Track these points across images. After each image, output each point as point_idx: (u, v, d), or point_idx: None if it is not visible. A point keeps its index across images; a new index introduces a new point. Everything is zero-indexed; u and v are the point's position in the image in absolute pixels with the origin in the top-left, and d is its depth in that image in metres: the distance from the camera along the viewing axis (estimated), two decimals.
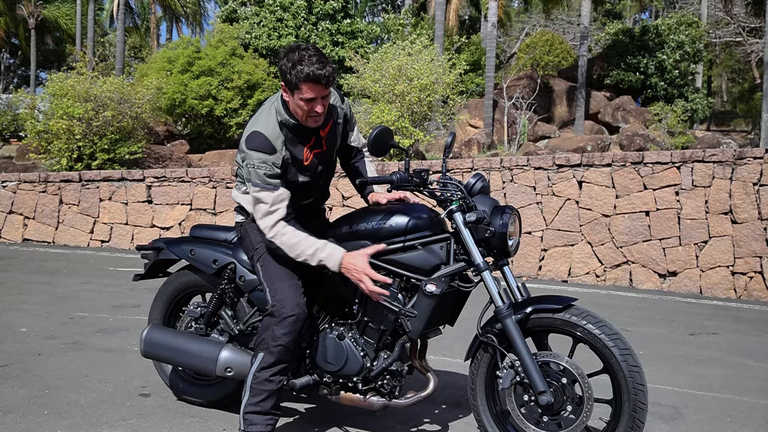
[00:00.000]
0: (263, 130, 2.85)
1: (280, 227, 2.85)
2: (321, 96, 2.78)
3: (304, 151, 2.94)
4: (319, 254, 2.83)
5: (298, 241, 2.84)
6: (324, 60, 2.75)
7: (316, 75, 2.71)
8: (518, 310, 2.81)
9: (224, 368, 3.17)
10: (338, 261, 2.82)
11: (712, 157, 7.22)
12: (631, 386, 2.67)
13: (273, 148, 2.83)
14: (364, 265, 2.80)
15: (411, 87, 11.62)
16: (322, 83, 2.75)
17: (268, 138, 2.83)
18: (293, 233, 2.85)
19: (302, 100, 2.77)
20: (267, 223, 2.87)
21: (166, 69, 15.87)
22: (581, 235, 7.80)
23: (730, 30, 34.01)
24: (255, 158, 2.82)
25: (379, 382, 3.00)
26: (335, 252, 2.84)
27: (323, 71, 2.72)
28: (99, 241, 10.02)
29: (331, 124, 3.06)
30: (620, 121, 20.78)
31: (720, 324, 5.91)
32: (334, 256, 2.83)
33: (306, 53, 2.74)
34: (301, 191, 3.02)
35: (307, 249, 2.83)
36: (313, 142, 2.97)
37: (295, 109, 2.84)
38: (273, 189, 2.84)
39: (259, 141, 2.83)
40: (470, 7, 29.69)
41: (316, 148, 2.99)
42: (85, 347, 4.65)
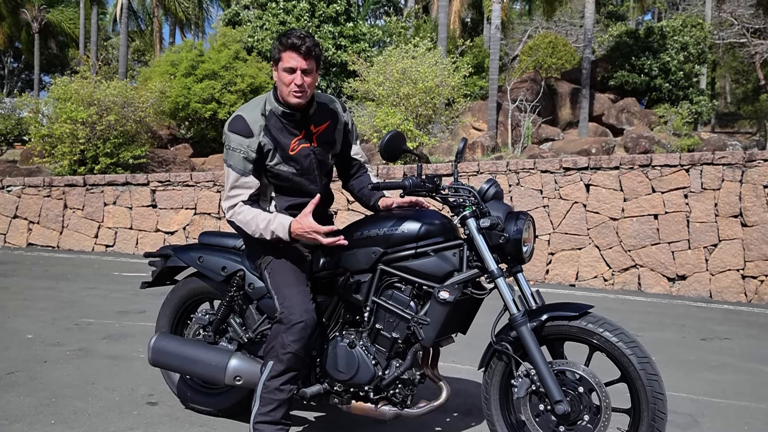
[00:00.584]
0: (245, 115, 2.93)
1: (237, 207, 2.93)
2: (301, 68, 2.83)
3: (292, 141, 2.96)
4: (271, 225, 2.88)
5: (253, 216, 2.91)
6: (307, 35, 2.86)
7: (294, 43, 2.81)
8: (533, 317, 2.76)
9: (233, 377, 3.12)
10: (287, 228, 2.86)
11: (721, 160, 7.16)
12: (650, 395, 2.61)
13: (250, 132, 2.89)
14: (309, 222, 2.83)
15: (415, 89, 11.57)
16: (302, 51, 2.81)
17: (247, 122, 2.90)
18: (249, 210, 2.92)
19: (284, 71, 2.84)
20: (228, 204, 2.96)
21: (169, 72, 15.85)
22: (589, 238, 7.74)
23: (734, 31, 33.94)
24: (232, 140, 2.90)
25: (391, 391, 2.95)
26: (284, 221, 2.88)
27: (302, 41, 2.81)
28: (103, 245, 9.98)
29: (328, 125, 3.06)
30: (624, 123, 20.72)
31: (731, 329, 5.85)
32: (283, 225, 2.87)
33: (292, 32, 2.87)
34: (293, 185, 3.01)
35: (260, 223, 2.90)
36: (303, 135, 2.99)
37: (281, 87, 2.89)
38: (243, 174, 2.91)
39: (238, 124, 2.91)
40: (472, 10, 29.67)
41: (305, 142, 2.99)
42: (91, 354, 4.61)
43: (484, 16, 25.96)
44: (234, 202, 2.93)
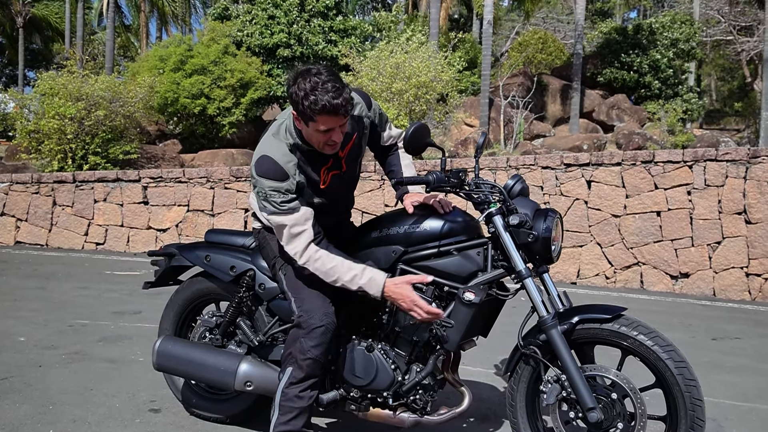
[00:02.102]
0: (273, 155, 2.59)
1: (312, 251, 2.62)
2: (339, 125, 2.53)
3: (321, 173, 2.70)
4: (358, 280, 2.60)
5: (334, 266, 2.61)
6: (339, 85, 2.47)
7: (333, 106, 2.43)
8: (564, 320, 2.63)
9: (244, 382, 2.97)
10: (380, 287, 2.61)
11: (725, 156, 7.07)
12: (688, 401, 2.48)
13: (285, 174, 2.58)
14: (411, 293, 2.59)
15: (409, 85, 11.44)
16: (340, 114, 2.47)
17: (279, 163, 2.58)
18: (327, 257, 2.62)
19: (318, 131, 2.52)
20: (296, 249, 2.63)
21: (157, 67, 15.62)
22: (590, 235, 7.63)
23: (720, 28, 34.07)
24: (266, 186, 2.58)
25: (411, 397, 2.81)
26: (377, 277, 2.61)
27: (339, 100, 2.43)
28: (94, 243, 9.77)
29: (354, 141, 2.79)
30: (615, 120, 20.70)
31: (740, 328, 5.76)
32: (375, 282, 2.61)
33: (319, 79, 2.44)
34: (320, 213, 2.77)
35: (344, 275, 2.61)
36: (331, 163, 2.72)
37: (310, 138, 2.59)
38: (292, 212, 2.60)
39: (268, 167, 2.58)
40: (460, 6, 29.57)
41: (334, 169, 2.74)
42: (87, 357, 4.44)
43: (474, 12, 25.88)
44: (302, 245, 2.61)
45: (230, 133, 15.64)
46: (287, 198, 2.59)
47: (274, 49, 16.89)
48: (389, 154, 3.08)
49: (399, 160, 3.05)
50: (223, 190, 9.20)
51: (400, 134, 3.06)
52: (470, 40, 22.20)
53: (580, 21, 19.96)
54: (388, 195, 8.39)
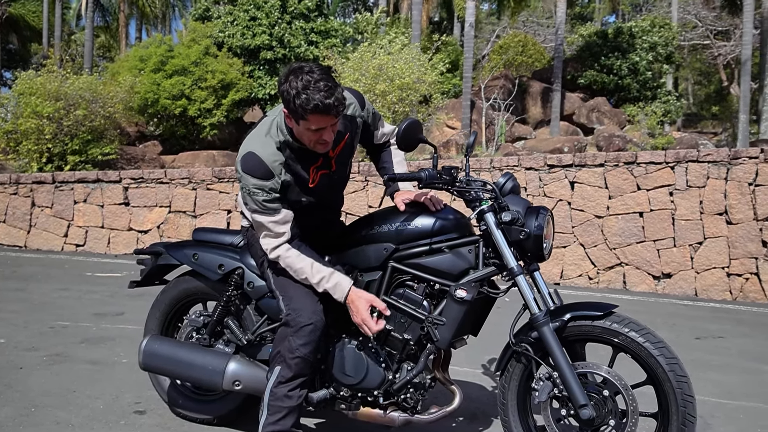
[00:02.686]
0: (260, 152, 2.57)
1: (283, 250, 2.67)
2: (330, 125, 2.51)
3: (310, 171, 2.68)
4: (325, 283, 2.65)
5: (302, 267, 2.66)
6: (332, 84, 2.44)
7: (325, 105, 2.41)
8: (556, 317, 2.63)
9: (232, 381, 2.94)
10: (344, 293, 2.65)
11: (706, 157, 7.13)
12: (679, 398, 2.49)
13: (270, 173, 2.56)
14: (364, 312, 2.63)
15: (392, 86, 11.43)
16: (332, 113, 2.45)
17: (265, 162, 2.56)
18: (297, 257, 2.67)
19: (309, 130, 2.50)
20: (268, 245, 2.69)
21: (138, 68, 15.48)
22: (573, 236, 7.66)
23: (698, 33, 34.48)
24: (251, 183, 2.57)
25: (401, 395, 2.79)
26: (342, 283, 2.65)
27: (332, 100, 2.41)
28: (73, 245, 9.64)
29: (346, 140, 2.76)
30: (595, 123, 20.85)
31: (723, 327, 5.80)
32: (340, 287, 2.65)
33: (311, 77, 2.41)
34: (308, 212, 2.77)
35: (311, 277, 2.65)
36: (321, 162, 2.70)
37: (301, 136, 2.57)
38: (273, 213, 2.61)
39: (254, 164, 2.56)
40: (441, 9, 29.67)
41: (323, 168, 2.72)
42: (69, 359, 4.37)
43: (454, 15, 25.97)
44: (276, 243, 2.67)
45: (211, 134, 15.54)
46: (270, 197, 2.59)
47: (256, 50, 16.82)
48: (381, 151, 3.06)
49: (391, 156, 3.03)
50: (206, 191, 9.12)
51: (392, 131, 3.05)
52: (452, 43, 22.26)
53: (561, 24, 20.08)
54: (372, 196, 8.38)
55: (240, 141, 2.71)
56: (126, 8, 24.46)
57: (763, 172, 6.93)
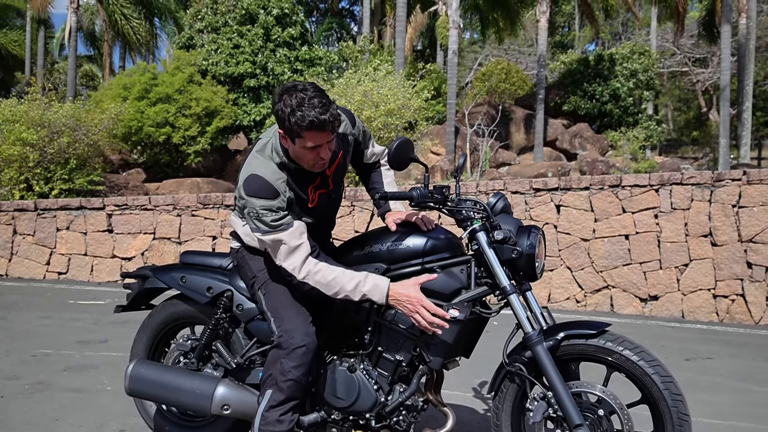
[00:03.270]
0: (262, 173, 2.54)
1: (311, 265, 2.56)
2: (326, 141, 2.50)
3: (309, 191, 2.67)
4: (362, 287, 2.54)
5: (335, 277, 2.55)
6: (326, 101, 2.44)
7: (321, 122, 2.40)
8: (549, 336, 2.61)
9: (221, 406, 2.88)
10: (384, 292, 2.54)
11: (690, 180, 7.19)
12: (675, 417, 2.47)
13: (275, 192, 2.53)
14: (417, 294, 2.51)
15: (377, 113, 11.48)
16: (327, 129, 2.44)
17: (269, 181, 2.53)
18: (327, 269, 2.56)
19: (305, 148, 2.48)
20: (294, 264, 2.56)
21: (121, 96, 15.44)
22: (560, 259, 7.67)
23: (676, 60, 35.06)
24: (257, 206, 2.52)
25: (394, 418, 2.75)
26: (380, 282, 2.55)
27: (327, 116, 2.41)
28: (56, 273, 9.51)
29: (340, 158, 2.76)
30: (578, 148, 21.03)
31: (711, 348, 5.80)
32: (379, 287, 2.54)
33: (306, 95, 2.41)
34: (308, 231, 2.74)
35: (346, 284, 2.54)
36: (318, 182, 2.69)
37: (298, 156, 2.55)
38: (286, 227, 2.54)
39: (259, 186, 2.52)
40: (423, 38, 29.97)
41: (321, 188, 2.72)
42: (51, 387, 4.28)
43: (437, 43, 26.20)
44: (300, 259, 2.55)
45: (195, 162, 15.49)
46: (279, 215, 2.54)
47: (240, 78, 16.86)
48: (371, 171, 3.05)
49: (381, 177, 3.03)
50: (191, 218, 9.06)
51: (383, 151, 3.05)
52: (436, 71, 22.45)
53: (542, 51, 20.32)
54: (359, 221, 8.35)
55: (225, 168, 2.71)
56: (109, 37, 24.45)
57: (746, 194, 6.99)
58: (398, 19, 17.95)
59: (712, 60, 32.27)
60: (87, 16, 27.96)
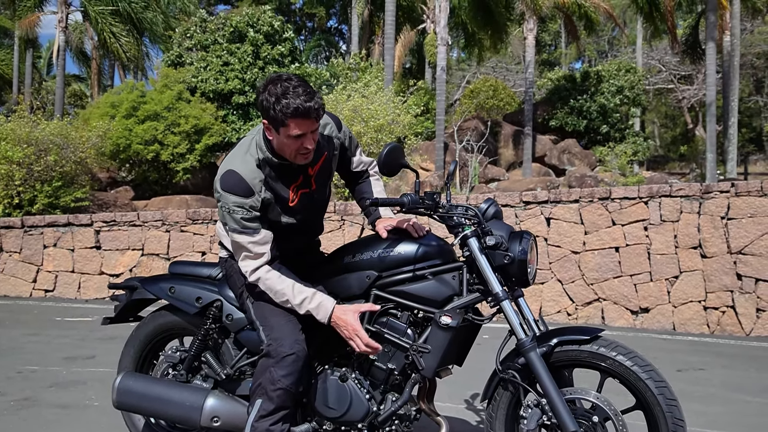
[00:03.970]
0: (240, 170, 2.56)
1: (263, 272, 2.61)
2: (311, 131, 2.51)
3: (290, 191, 2.66)
4: (307, 304, 2.59)
5: (284, 288, 2.60)
6: (311, 90, 2.47)
7: (305, 108, 2.42)
8: (542, 342, 2.58)
9: (210, 417, 2.83)
10: (328, 313, 2.59)
11: (679, 192, 7.21)
12: (670, 421, 2.45)
13: (250, 191, 2.54)
14: (355, 322, 2.58)
15: (366, 128, 11.50)
16: (312, 117, 2.46)
17: (245, 179, 2.54)
18: (278, 279, 2.61)
19: (290, 137, 2.48)
20: (247, 267, 2.62)
21: (109, 113, 15.41)
22: (551, 272, 7.66)
23: (662, 77, 35.41)
24: (230, 202, 2.54)
25: (386, 428, 2.71)
26: (326, 303, 2.60)
27: (312, 103, 2.44)
28: (43, 290, 9.41)
29: (324, 159, 2.76)
30: (566, 164, 21.13)
31: (703, 360, 5.79)
32: (324, 307, 2.60)
33: (290, 84, 2.44)
34: (288, 233, 2.74)
35: (293, 298, 2.59)
36: (301, 181, 2.68)
37: (282, 148, 2.55)
38: (253, 233, 2.57)
39: (234, 182, 2.54)
40: (411, 56, 30.16)
41: (303, 187, 2.70)
42: (38, 404, 4.21)
43: (425, 61, 26.32)
44: (255, 265, 2.60)
45: (184, 179, 15.45)
46: (250, 215, 2.56)
47: (229, 95, 16.87)
48: (360, 182, 3.03)
49: (371, 187, 3.01)
50: (180, 233, 9.00)
51: (371, 162, 3.03)
52: (424, 87, 22.56)
53: (530, 68, 20.47)
54: (348, 235, 8.33)
55: (213, 186, 2.68)
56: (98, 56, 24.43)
57: (735, 205, 7.02)
58: (387, 36, 18.05)
59: (698, 77, 32.60)
60: (76, 35, 27.95)
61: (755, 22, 30.73)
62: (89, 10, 19.77)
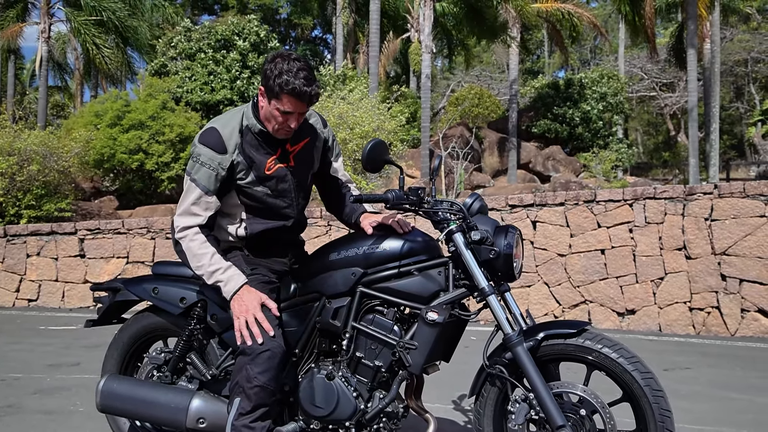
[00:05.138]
0: (220, 129, 2.67)
1: (191, 232, 2.67)
2: (299, 112, 2.62)
3: (267, 160, 2.72)
4: (219, 274, 2.64)
5: (204, 253, 2.65)
6: (312, 78, 2.58)
7: (302, 91, 2.54)
8: (529, 336, 2.58)
9: (196, 419, 2.81)
10: (236, 287, 2.62)
11: (663, 194, 7.26)
12: (657, 412, 2.45)
13: (224, 148, 2.64)
14: (255, 308, 2.60)
15: (352, 134, 11.51)
16: (305, 101, 2.58)
17: (222, 137, 2.65)
18: (202, 244, 2.66)
19: (278, 110, 2.59)
20: (180, 223, 2.69)
21: (93, 123, 15.31)
22: (537, 275, 7.68)
23: (644, 85, 35.73)
24: (203, 153, 2.64)
25: (374, 425, 2.69)
26: (237, 278, 2.64)
27: (309, 89, 2.55)
28: (26, 300, 9.32)
29: (306, 144, 2.82)
30: (551, 170, 21.27)
31: (689, 359, 5.82)
32: (234, 281, 2.64)
33: (295, 65, 2.56)
34: (267, 207, 2.76)
35: (208, 265, 2.65)
36: (279, 154, 2.75)
37: (268, 117, 2.65)
38: (207, 192, 2.65)
39: (211, 138, 2.65)
40: (396, 65, 30.27)
41: (281, 162, 2.75)
42: (22, 410, 4.15)
43: (410, 69, 26.43)
44: (190, 224, 2.67)
45: (169, 188, 15.35)
46: (213, 172, 2.63)
47: (216, 105, 16.82)
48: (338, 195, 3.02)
49: (351, 192, 3.02)
50: (165, 241, 8.94)
51: (348, 180, 3.05)
52: (410, 95, 22.62)
53: (514, 75, 20.59)
54: None
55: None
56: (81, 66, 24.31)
57: (718, 207, 7.07)
58: (371, 44, 18.11)
59: (679, 84, 32.93)
60: (59, 45, 27.82)
61: (734, 31, 31.13)
62: (72, 21, 19.66)
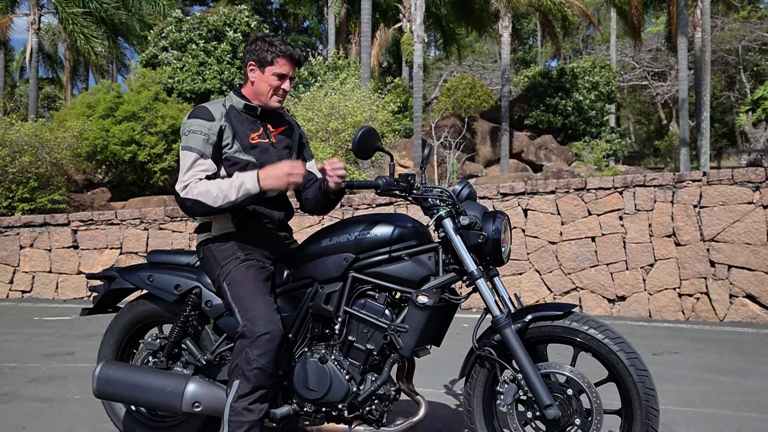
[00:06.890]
0: (207, 104, 2.90)
1: (193, 183, 2.72)
2: (291, 76, 2.91)
3: (251, 134, 2.89)
4: (235, 184, 2.68)
5: (213, 183, 2.71)
6: (294, 45, 2.93)
7: (293, 53, 2.87)
8: (517, 318, 2.64)
9: (191, 403, 2.85)
10: (255, 179, 2.68)
11: (652, 181, 7.33)
12: (642, 391, 2.52)
13: (211, 116, 2.82)
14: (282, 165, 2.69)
15: (344, 125, 11.53)
16: (295, 61, 2.88)
17: (209, 108, 2.85)
18: (207, 183, 2.72)
19: (275, 75, 2.84)
20: (183, 182, 2.73)
21: (85, 114, 15.27)
22: (529, 263, 7.75)
23: (636, 74, 35.78)
24: (193, 123, 2.80)
25: (366, 408, 2.75)
26: (249, 174, 2.71)
27: (296, 51, 2.90)
28: (19, 291, 9.34)
29: (285, 129, 3.02)
30: (543, 160, 21.31)
31: (678, 344, 5.90)
32: (248, 176, 2.69)
33: (278, 38, 2.89)
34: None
35: (222, 185, 2.69)
36: (261, 132, 2.92)
37: (260, 89, 2.87)
38: (203, 155, 2.76)
39: (199, 110, 2.85)
40: (388, 55, 30.23)
41: (262, 138, 2.90)
42: (18, 398, 4.20)
43: (402, 60, 26.40)
44: (189, 181, 2.73)
45: (162, 179, 15.34)
46: (205, 138, 2.77)
47: (207, 94, 16.81)
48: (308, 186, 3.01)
49: None
50: (158, 231, 8.97)
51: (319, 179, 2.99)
52: (402, 85, 22.61)
53: (506, 64, 20.61)
54: None
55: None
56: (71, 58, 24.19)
57: (707, 194, 7.14)
58: (363, 34, 18.07)
59: (671, 73, 32.99)
60: (48, 37, 27.68)
61: (725, 20, 31.18)
62: (61, 12, 19.55)
